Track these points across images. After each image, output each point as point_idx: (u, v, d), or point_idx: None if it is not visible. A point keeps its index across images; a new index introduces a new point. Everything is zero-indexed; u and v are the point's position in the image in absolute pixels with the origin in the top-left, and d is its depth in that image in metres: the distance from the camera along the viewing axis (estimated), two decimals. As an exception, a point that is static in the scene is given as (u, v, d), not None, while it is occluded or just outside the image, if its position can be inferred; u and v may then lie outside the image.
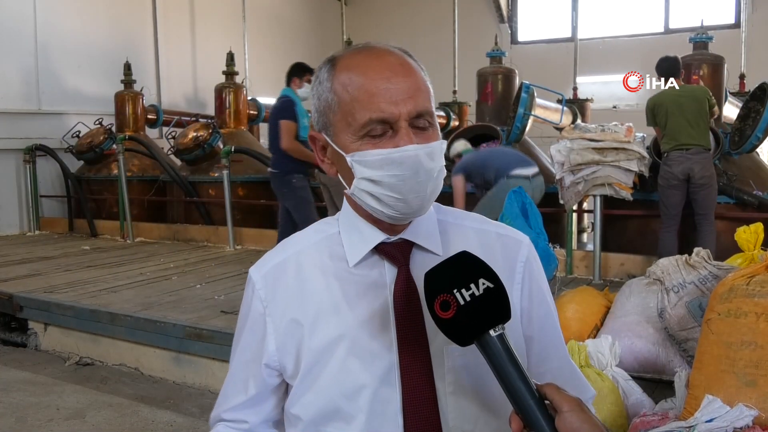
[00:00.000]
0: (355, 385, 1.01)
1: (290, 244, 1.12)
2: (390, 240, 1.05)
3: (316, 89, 1.04)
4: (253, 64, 11.25)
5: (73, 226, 8.93)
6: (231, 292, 5.22)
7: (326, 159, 1.07)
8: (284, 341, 1.06)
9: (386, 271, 1.05)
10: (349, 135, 0.99)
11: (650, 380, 3.11)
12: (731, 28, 10.64)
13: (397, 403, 1.00)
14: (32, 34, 9.01)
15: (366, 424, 1.00)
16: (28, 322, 5.14)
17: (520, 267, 1.10)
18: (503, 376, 0.88)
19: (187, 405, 3.97)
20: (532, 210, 3.97)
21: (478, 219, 1.15)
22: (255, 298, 1.09)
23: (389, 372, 1.01)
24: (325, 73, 1.03)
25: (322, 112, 1.03)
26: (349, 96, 0.98)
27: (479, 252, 1.04)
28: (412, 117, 0.97)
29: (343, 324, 1.02)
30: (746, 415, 2.24)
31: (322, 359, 1.02)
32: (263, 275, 1.09)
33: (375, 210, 1.01)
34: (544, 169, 6.87)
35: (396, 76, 0.98)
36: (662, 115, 5.13)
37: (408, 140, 0.96)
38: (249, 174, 8.31)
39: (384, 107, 0.96)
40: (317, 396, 1.03)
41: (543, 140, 7.90)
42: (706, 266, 3.14)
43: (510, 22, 13.03)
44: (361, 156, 0.98)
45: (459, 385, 1.01)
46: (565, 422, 0.85)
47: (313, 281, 1.06)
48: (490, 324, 0.88)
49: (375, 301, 1.03)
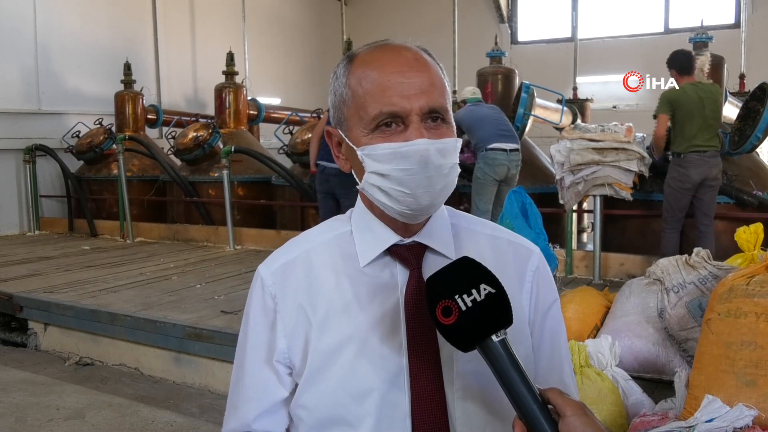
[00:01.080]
0: (364, 387, 0.99)
1: (301, 241, 1.10)
2: (403, 242, 1.04)
3: (333, 85, 1.04)
4: (253, 64, 11.25)
5: (73, 226, 8.93)
6: (231, 292, 5.22)
7: (341, 155, 1.06)
8: (294, 338, 1.03)
9: (398, 273, 1.03)
10: (361, 129, 0.98)
11: (650, 380, 3.11)
12: (731, 28, 10.64)
13: (405, 408, 0.99)
14: (32, 34, 9.02)
15: (373, 428, 0.99)
16: (28, 322, 5.14)
17: (530, 275, 1.10)
18: (506, 381, 0.88)
19: (187, 405, 3.97)
20: (532, 210, 3.97)
21: (490, 225, 1.15)
22: (265, 294, 1.06)
23: (398, 375, 0.99)
24: (342, 68, 1.03)
25: (337, 107, 1.03)
26: (363, 90, 0.98)
27: (491, 257, 1.05)
28: (425, 112, 0.96)
29: (353, 324, 1.01)
30: (746, 415, 2.24)
31: (330, 359, 1.00)
32: (273, 272, 1.07)
33: (384, 205, 0.99)
34: (543, 168, 6.89)
35: (411, 70, 0.97)
36: (683, 113, 4.89)
37: (418, 135, 0.95)
38: (249, 174, 8.32)
39: (396, 101, 0.95)
40: (323, 397, 1.01)
41: (543, 140, 7.90)
42: (706, 266, 3.14)
43: (510, 22, 13.03)
44: (370, 150, 0.97)
45: (468, 390, 1.00)
46: (568, 426, 0.85)
47: (323, 279, 1.04)
48: (492, 329, 0.88)
49: (386, 303, 1.02)
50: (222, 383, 4.14)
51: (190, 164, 8.49)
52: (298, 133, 7.88)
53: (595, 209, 5.48)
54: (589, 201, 5.91)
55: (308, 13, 13.76)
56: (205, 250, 7.49)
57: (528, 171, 6.61)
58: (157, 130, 10.31)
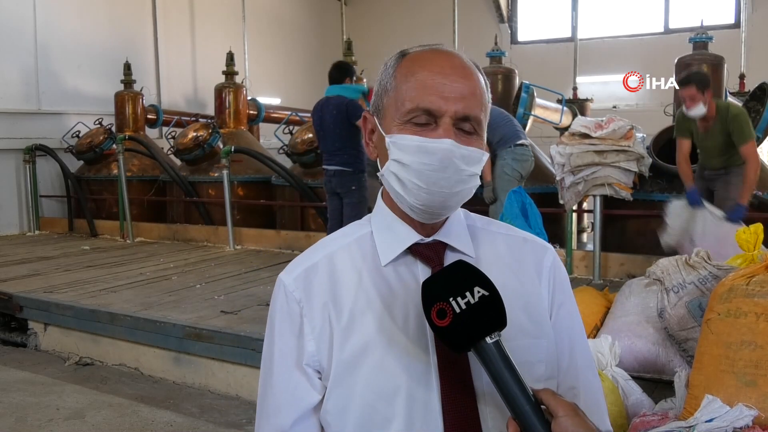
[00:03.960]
0: (392, 386, 0.99)
1: (320, 247, 1.11)
2: (424, 241, 1.06)
3: (381, 75, 1.07)
4: (252, 64, 11.26)
5: (72, 226, 8.93)
6: (231, 292, 5.22)
7: (371, 142, 1.09)
8: (321, 340, 1.03)
9: (419, 271, 1.05)
10: (395, 119, 1.01)
11: (650, 380, 3.11)
12: (731, 28, 10.63)
13: (436, 404, 0.99)
14: (32, 34, 9.02)
15: (405, 427, 0.98)
16: (27, 322, 5.14)
17: (546, 272, 1.12)
18: (499, 382, 0.90)
19: (186, 405, 3.97)
20: (532, 210, 3.96)
21: (503, 225, 1.17)
22: (290, 300, 1.06)
23: (426, 373, 0.99)
24: (392, 61, 1.06)
25: (379, 95, 1.06)
26: (406, 84, 1.01)
27: (508, 255, 1.09)
28: (458, 117, 0.98)
29: (379, 324, 1.01)
30: (746, 415, 2.25)
31: (358, 360, 1.00)
32: (295, 278, 1.07)
33: (398, 195, 1.01)
34: (543, 168, 6.89)
35: (455, 74, 1.00)
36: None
37: (446, 135, 0.97)
38: (249, 174, 8.31)
39: (433, 100, 0.98)
40: (351, 398, 1.00)
41: (543, 140, 7.90)
42: (705, 266, 3.14)
43: (510, 22, 13.03)
44: (398, 138, 1.00)
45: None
46: (560, 427, 0.87)
47: (346, 281, 1.05)
48: (486, 331, 0.90)
49: (409, 302, 1.02)
50: (222, 383, 4.14)
51: (190, 164, 8.49)
52: (298, 133, 7.88)
53: (595, 209, 5.48)
54: (589, 201, 5.90)
55: (308, 13, 13.76)
56: (204, 250, 7.49)
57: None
58: (157, 130, 10.31)
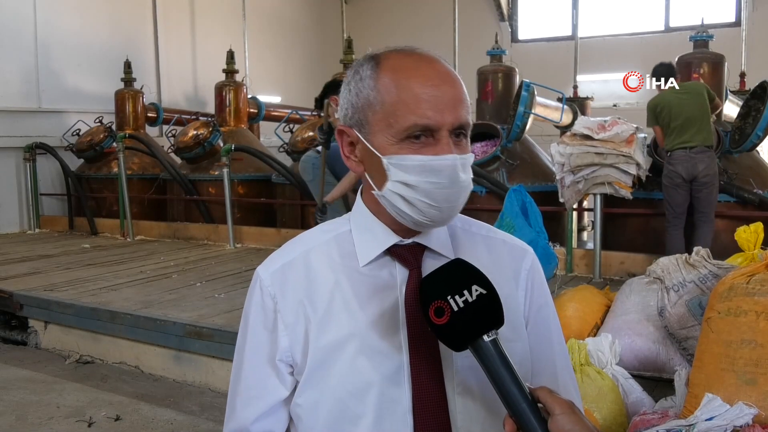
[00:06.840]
0: (363, 383, 1.01)
1: (299, 243, 1.12)
2: (403, 242, 1.06)
3: (355, 84, 1.02)
4: (253, 63, 11.24)
5: (73, 224, 8.93)
6: (231, 290, 5.22)
7: (353, 156, 1.05)
8: (295, 336, 1.04)
9: (397, 273, 1.05)
10: (388, 136, 0.98)
11: (650, 378, 3.11)
12: (732, 27, 10.62)
13: (406, 403, 1.00)
14: (32, 32, 9.01)
15: (374, 424, 1.00)
16: (28, 320, 5.14)
17: (525, 274, 1.12)
18: (497, 380, 0.90)
19: (187, 403, 3.97)
20: (532, 208, 3.96)
21: (484, 227, 1.17)
22: (265, 295, 1.07)
23: (397, 372, 1.01)
24: (368, 70, 1.01)
25: (360, 108, 1.01)
26: (395, 97, 0.98)
27: (487, 257, 1.09)
28: (454, 128, 0.99)
29: (353, 323, 1.02)
30: (746, 414, 2.24)
31: (330, 357, 1.02)
32: (271, 273, 1.08)
33: (403, 213, 1.00)
34: (544, 167, 6.88)
35: (444, 84, 0.99)
36: (665, 115, 5.12)
37: (448, 150, 0.97)
38: (249, 172, 8.31)
39: (430, 114, 0.96)
40: (323, 395, 1.02)
41: (543, 138, 7.89)
42: (706, 265, 3.14)
43: (510, 20, 13.02)
44: (399, 159, 0.98)
45: (466, 386, 1.02)
46: (557, 424, 0.88)
47: (322, 279, 1.06)
48: (484, 329, 0.90)
49: (385, 302, 1.03)
50: (222, 381, 4.14)
51: (191, 162, 8.49)
52: (298, 131, 7.88)
53: (595, 208, 5.48)
54: (589, 199, 5.90)
55: (308, 11, 13.75)
56: (205, 248, 7.49)
57: (528, 169, 6.61)
58: (157, 129, 10.30)
